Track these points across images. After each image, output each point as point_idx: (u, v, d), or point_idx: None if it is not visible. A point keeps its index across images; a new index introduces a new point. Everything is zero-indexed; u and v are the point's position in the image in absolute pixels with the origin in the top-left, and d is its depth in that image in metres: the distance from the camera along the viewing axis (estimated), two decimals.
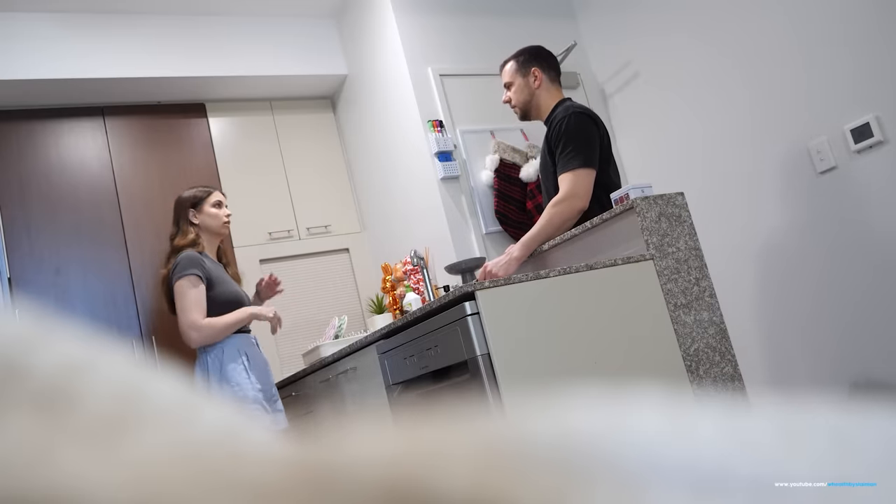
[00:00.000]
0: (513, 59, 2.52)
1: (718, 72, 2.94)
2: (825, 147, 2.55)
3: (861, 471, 0.20)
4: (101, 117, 3.52)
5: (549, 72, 2.49)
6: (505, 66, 2.54)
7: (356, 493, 0.16)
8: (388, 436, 0.19)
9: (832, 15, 2.49)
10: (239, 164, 3.73)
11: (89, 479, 0.16)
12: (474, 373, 1.65)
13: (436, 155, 3.09)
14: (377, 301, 3.53)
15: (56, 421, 0.18)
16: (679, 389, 1.77)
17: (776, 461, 0.20)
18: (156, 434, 0.18)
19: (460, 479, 0.16)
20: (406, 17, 3.30)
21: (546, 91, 2.46)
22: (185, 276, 2.36)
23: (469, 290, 1.68)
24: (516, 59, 2.51)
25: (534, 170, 3.09)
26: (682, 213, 1.95)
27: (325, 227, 3.83)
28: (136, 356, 0.22)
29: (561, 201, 2.23)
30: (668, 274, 1.87)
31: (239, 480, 0.17)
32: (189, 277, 2.36)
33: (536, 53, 2.51)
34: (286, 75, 3.71)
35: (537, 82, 2.45)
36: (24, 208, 3.23)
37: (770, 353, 2.84)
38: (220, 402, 0.21)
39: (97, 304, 3.22)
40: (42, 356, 0.20)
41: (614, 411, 0.20)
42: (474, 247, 3.03)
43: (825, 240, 2.59)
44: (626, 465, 0.18)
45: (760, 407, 0.23)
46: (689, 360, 1.82)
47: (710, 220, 2.94)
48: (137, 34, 3.43)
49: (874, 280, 2.45)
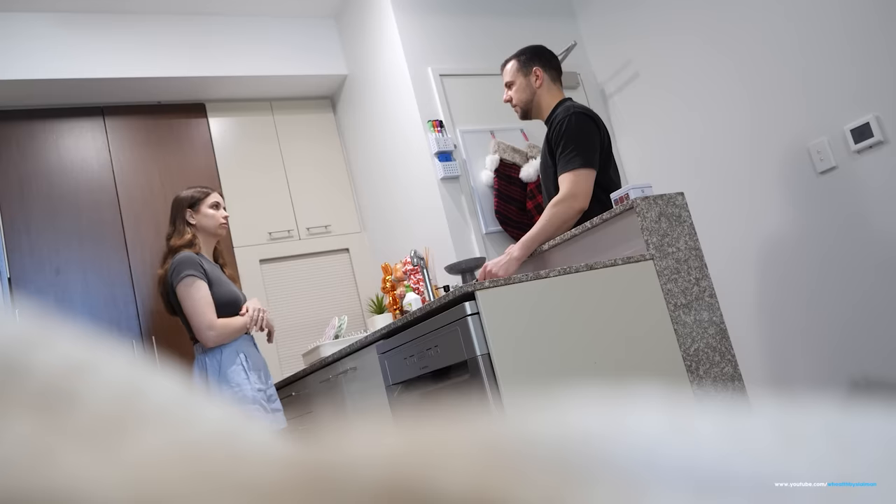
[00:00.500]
0: (514, 59, 2.51)
1: (718, 72, 2.94)
2: (825, 147, 2.55)
3: (861, 471, 0.20)
4: (101, 117, 3.52)
5: (551, 71, 2.48)
6: (506, 66, 2.53)
7: (356, 493, 0.16)
8: (388, 436, 0.19)
9: (832, 15, 2.49)
10: (239, 164, 3.73)
11: (89, 480, 0.16)
12: (474, 373, 1.65)
13: (436, 155, 3.09)
14: (377, 301, 3.53)
15: (56, 421, 0.18)
16: (679, 389, 1.77)
17: (776, 461, 0.20)
18: (155, 434, 0.18)
19: (460, 479, 0.16)
20: (406, 17, 3.30)
21: (547, 91, 2.46)
22: (185, 277, 2.35)
23: (469, 290, 1.68)
24: (517, 58, 2.50)
25: (534, 170, 3.08)
26: (682, 213, 1.95)
27: (325, 227, 3.83)
28: (136, 356, 0.22)
29: (561, 201, 2.23)
30: (668, 274, 1.87)
31: (238, 481, 0.17)
32: (191, 279, 2.36)
33: (538, 53, 2.50)
34: (286, 75, 3.71)
35: (539, 82, 2.45)
36: (24, 208, 3.23)
37: (770, 353, 2.84)
38: (220, 402, 0.21)
39: (97, 304, 3.22)
40: (42, 356, 0.20)
41: (614, 411, 0.20)
42: (474, 247, 3.03)
43: (825, 240, 2.59)
44: (625, 465, 0.18)
45: (760, 407, 0.23)
46: (689, 360, 1.82)
47: (710, 220, 2.94)
48: (137, 34, 3.43)
49: (874, 280, 2.45)
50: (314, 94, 4.01)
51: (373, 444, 0.18)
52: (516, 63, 2.49)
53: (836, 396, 2.56)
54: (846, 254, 2.53)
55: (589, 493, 0.17)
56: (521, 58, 2.49)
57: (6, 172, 3.24)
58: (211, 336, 2.33)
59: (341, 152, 4.03)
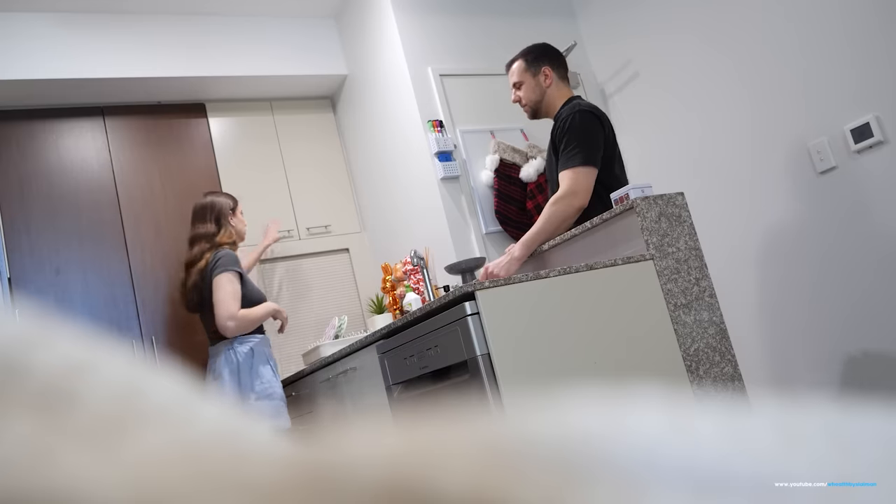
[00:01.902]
0: (521, 58, 2.47)
1: (718, 72, 2.94)
2: (825, 147, 2.55)
3: (861, 471, 0.20)
4: (101, 117, 3.52)
5: (559, 69, 2.46)
6: (512, 65, 2.48)
7: (356, 493, 0.16)
8: (388, 436, 0.19)
9: (832, 15, 2.49)
10: (239, 164, 3.73)
11: (89, 479, 0.16)
12: (474, 373, 1.65)
13: (436, 155, 3.09)
14: (377, 301, 3.53)
15: (56, 421, 0.18)
16: (679, 389, 1.77)
17: (776, 461, 0.20)
18: (156, 434, 0.18)
19: (460, 479, 0.16)
20: (406, 17, 3.30)
21: (556, 89, 2.43)
22: (228, 271, 2.58)
23: (469, 290, 1.68)
24: (524, 57, 2.46)
25: (534, 170, 3.08)
26: (682, 213, 1.95)
27: (325, 227, 3.83)
28: (136, 356, 0.22)
29: (560, 199, 2.22)
30: (668, 274, 1.87)
31: (239, 480, 0.17)
32: (232, 273, 2.60)
33: (545, 51, 2.47)
34: (286, 75, 3.71)
35: (548, 81, 2.42)
36: (24, 208, 3.23)
37: (770, 353, 2.84)
38: (220, 402, 0.21)
39: (97, 304, 3.22)
40: (42, 356, 0.20)
41: (614, 411, 0.20)
42: (474, 247, 3.03)
43: (825, 240, 2.59)
44: (626, 465, 0.18)
45: (760, 407, 0.23)
46: (689, 360, 1.82)
47: (710, 220, 2.94)
48: (138, 34, 3.43)
49: (874, 280, 2.45)
50: (314, 94, 4.01)
51: (373, 444, 0.18)
52: (523, 63, 2.45)
53: (836, 397, 2.56)
54: (846, 254, 2.53)
55: (589, 493, 0.17)
56: (529, 57, 2.45)
57: (6, 172, 3.24)
58: (230, 326, 2.54)
59: (341, 152, 4.03)
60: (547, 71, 2.43)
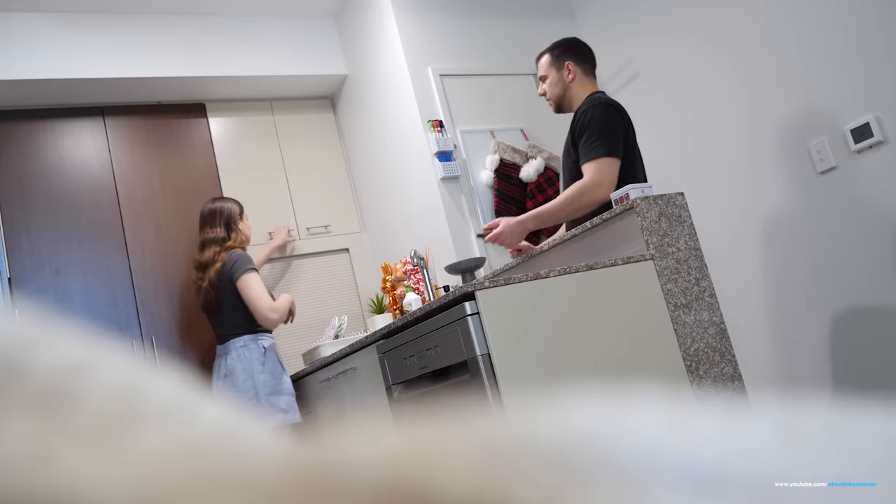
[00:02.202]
0: (547, 53, 2.48)
1: (718, 72, 2.94)
2: (825, 147, 2.55)
3: (861, 471, 0.20)
4: (101, 117, 3.52)
5: (584, 65, 2.45)
6: (540, 60, 2.50)
7: (356, 493, 0.16)
8: (387, 436, 0.19)
9: (832, 15, 2.49)
10: (239, 164, 3.73)
11: (89, 479, 0.16)
12: (474, 373, 1.65)
13: (436, 155, 3.09)
14: (377, 301, 3.53)
15: (56, 421, 0.18)
16: (679, 389, 1.77)
17: (776, 461, 0.20)
18: (156, 434, 0.18)
19: (460, 479, 0.16)
20: (406, 17, 3.30)
21: (580, 84, 2.42)
22: (250, 270, 2.75)
23: (469, 290, 1.68)
24: (551, 52, 2.47)
25: (534, 170, 3.08)
26: (682, 213, 1.95)
27: (325, 227, 3.83)
28: (136, 356, 0.22)
29: (583, 187, 2.18)
30: (668, 274, 1.87)
31: (239, 480, 0.17)
32: (254, 273, 2.77)
33: (571, 46, 2.47)
34: (286, 75, 3.71)
35: (571, 76, 2.42)
36: (24, 208, 3.23)
37: (770, 352, 2.84)
38: (227, 401, 0.21)
39: (97, 304, 3.22)
40: (42, 356, 0.20)
41: (614, 411, 0.20)
42: (474, 247, 3.03)
43: (825, 240, 2.59)
44: (625, 465, 0.18)
45: (760, 407, 0.23)
46: (689, 360, 1.82)
47: (710, 220, 2.94)
48: (138, 34, 3.43)
49: (874, 280, 2.45)
50: (314, 94, 4.01)
51: (373, 444, 0.18)
52: (549, 57, 2.46)
53: (836, 396, 2.56)
54: (846, 254, 2.53)
55: (589, 493, 0.17)
56: (554, 52, 2.46)
57: (6, 172, 3.24)
58: (273, 318, 2.72)
59: (341, 152, 4.03)
60: (570, 66, 2.42)
